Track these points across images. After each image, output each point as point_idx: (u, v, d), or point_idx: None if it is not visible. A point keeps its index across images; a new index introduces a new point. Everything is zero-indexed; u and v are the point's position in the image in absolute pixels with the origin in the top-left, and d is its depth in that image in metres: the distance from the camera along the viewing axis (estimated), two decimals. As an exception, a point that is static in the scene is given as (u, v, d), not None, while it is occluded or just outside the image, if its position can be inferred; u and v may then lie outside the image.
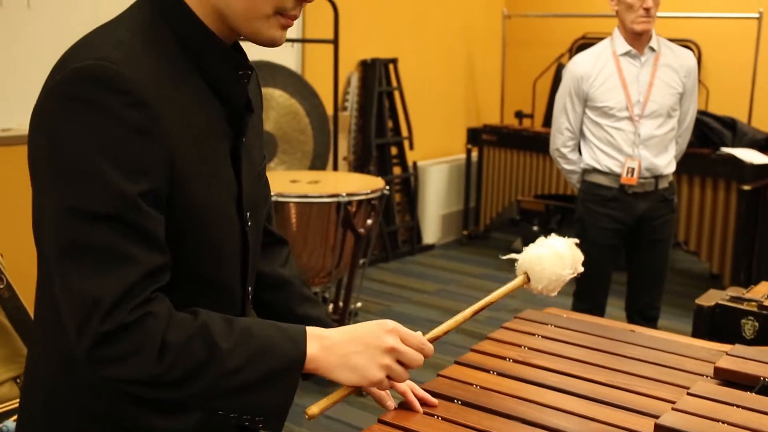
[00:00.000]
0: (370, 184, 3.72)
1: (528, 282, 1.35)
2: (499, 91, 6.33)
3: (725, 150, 4.58)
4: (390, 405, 1.30)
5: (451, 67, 6.28)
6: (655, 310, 3.45)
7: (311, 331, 1.12)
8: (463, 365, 1.47)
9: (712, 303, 1.97)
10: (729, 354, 1.49)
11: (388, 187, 3.75)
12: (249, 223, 1.19)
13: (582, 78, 3.29)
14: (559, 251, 1.34)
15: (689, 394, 1.34)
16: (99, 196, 0.98)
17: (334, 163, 4.44)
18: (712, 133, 4.68)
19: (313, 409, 1.15)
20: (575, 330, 1.65)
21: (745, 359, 1.46)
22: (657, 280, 3.43)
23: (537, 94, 6.29)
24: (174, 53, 1.09)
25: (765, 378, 1.38)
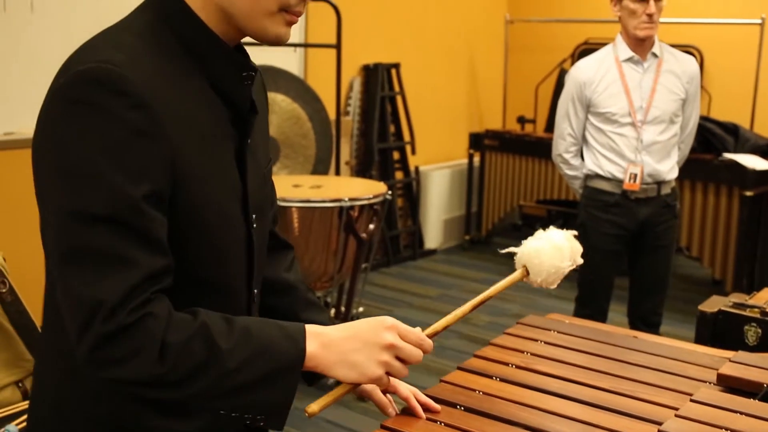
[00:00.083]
0: (373, 189, 3.72)
1: (527, 275, 1.34)
2: (502, 96, 6.33)
3: (727, 156, 4.58)
4: (391, 412, 1.30)
5: (453, 72, 6.28)
6: (658, 316, 3.45)
7: (310, 329, 1.12)
8: (466, 371, 1.47)
9: (715, 309, 1.97)
10: (732, 361, 1.49)
11: (390, 191, 3.76)
12: (254, 225, 1.19)
13: (585, 84, 3.29)
14: (558, 243, 1.33)
15: (692, 400, 1.33)
16: (100, 198, 0.98)
17: (336, 168, 4.45)
18: (714, 138, 4.68)
19: (312, 407, 1.15)
20: (578, 336, 1.65)
21: (748, 366, 1.46)
22: (659, 286, 3.42)
23: (539, 100, 6.30)
24: (177, 56, 1.09)
25: (768, 385, 1.38)
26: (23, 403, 2.30)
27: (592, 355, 1.55)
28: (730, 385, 1.41)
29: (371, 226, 3.64)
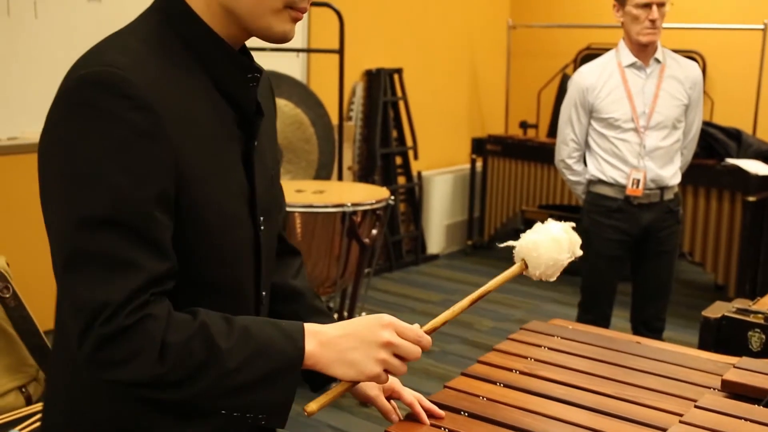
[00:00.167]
0: (375, 194, 3.72)
1: (526, 268, 1.34)
2: (504, 102, 6.34)
3: (730, 161, 4.58)
4: (395, 418, 1.30)
5: (455, 77, 6.29)
6: (661, 322, 3.44)
7: (309, 327, 1.12)
8: (470, 377, 1.47)
9: (719, 315, 1.97)
10: (736, 367, 1.49)
11: (393, 197, 3.76)
12: (262, 227, 1.19)
13: (587, 89, 3.29)
14: (556, 236, 1.32)
15: (697, 406, 1.33)
16: (103, 200, 0.99)
17: (338, 173, 4.45)
18: (717, 144, 4.68)
19: (312, 406, 1.15)
20: (581, 341, 1.65)
21: (752, 372, 1.45)
22: (662, 291, 3.42)
23: (541, 105, 6.30)
24: (182, 59, 1.10)
25: (772, 391, 1.38)
26: (26, 408, 2.30)
27: (595, 361, 1.55)
28: (735, 391, 1.41)
29: (374, 231, 3.64)
